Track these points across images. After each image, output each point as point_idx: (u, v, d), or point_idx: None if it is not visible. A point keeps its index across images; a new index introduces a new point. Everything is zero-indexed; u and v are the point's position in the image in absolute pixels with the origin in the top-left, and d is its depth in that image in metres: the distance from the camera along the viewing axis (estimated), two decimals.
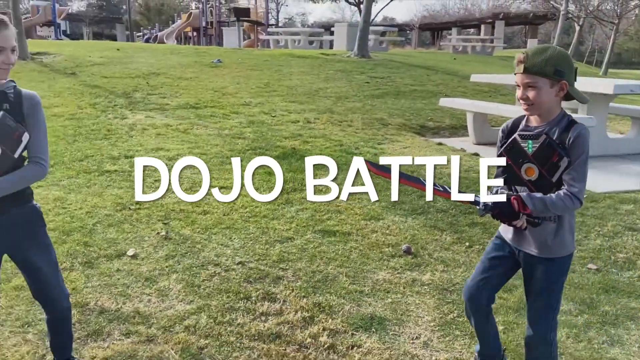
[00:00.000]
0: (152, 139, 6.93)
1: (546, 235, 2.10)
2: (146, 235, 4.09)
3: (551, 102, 2.03)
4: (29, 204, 2.22)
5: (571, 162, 1.97)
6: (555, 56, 1.99)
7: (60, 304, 2.34)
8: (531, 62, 2.00)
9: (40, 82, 10.18)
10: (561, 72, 1.99)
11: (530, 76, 2.00)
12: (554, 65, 1.98)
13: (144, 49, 16.60)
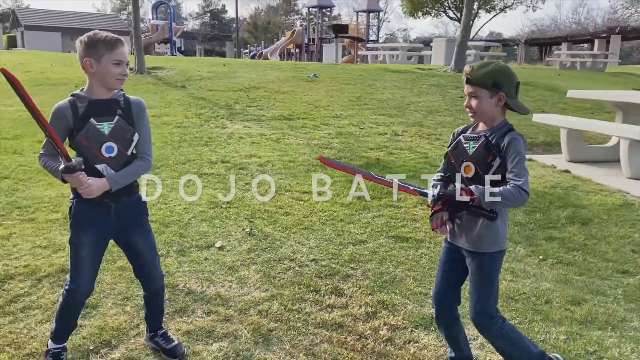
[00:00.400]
0: (247, 147, 7.46)
1: (479, 231, 2.28)
2: (233, 230, 4.49)
3: (492, 110, 2.26)
4: (137, 194, 2.61)
5: (504, 162, 2.17)
6: (495, 70, 2.23)
7: (156, 283, 2.74)
8: (474, 74, 2.25)
9: (154, 94, 11.23)
10: (499, 84, 2.22)
11: (473, 87, 2.25)
12: (492, 78, 2.21)
13: (248, 64, 17.61)
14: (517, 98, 2.31)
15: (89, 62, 2.34)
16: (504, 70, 2.26)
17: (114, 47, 2.36)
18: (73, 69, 14.65)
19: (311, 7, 38.67)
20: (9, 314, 3.10)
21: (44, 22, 50.42)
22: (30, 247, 4.05)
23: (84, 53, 2.35)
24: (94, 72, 2.35)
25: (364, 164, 6.70)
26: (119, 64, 2.37)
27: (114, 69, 2.36)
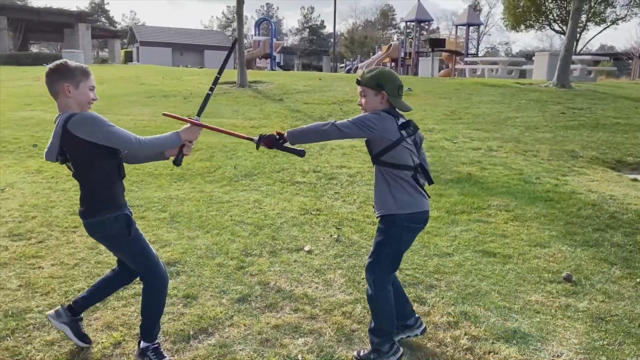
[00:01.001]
0: (338, 158, 7.68)
1: (376, 195, 2.79)
2: (321, 236, 4.70)
3: (376, 107, 2.69)
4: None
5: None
6: (379, 74, 2.68)
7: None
8: (363, 77, 2.72)
9: (254, 106, 11.86)
10: (382, 85, 2.64)
11: (361, 87, 2.73)
12: (376, 80, 2.65)
13: (342, 78, 17.99)
14: (399, 98, 2.72)
15: (67, 87, 2.51)
16: (387, 74, 2.70)
17: (89, 75, 2.59)
18: (181, 82, 15.80)
19: (409, 21, 38.60)
20: (122, 299, 3.50)
21: (157, 38, 54.46)
22: None
23: (62, 79, 2.51)
24: (72, 96, 2.53)
25: (455, 178, 6.67)
26: (92, 89, 2.61)
27: (90, 93, 2.59)
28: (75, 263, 4.04)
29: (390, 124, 2.63)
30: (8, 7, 38.17)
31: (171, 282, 3.72)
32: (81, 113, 2.51)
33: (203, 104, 2.81)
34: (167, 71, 20.66)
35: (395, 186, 2.69)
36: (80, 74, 2.55)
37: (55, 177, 6.49)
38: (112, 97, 13.09)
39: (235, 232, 4.75)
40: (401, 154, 2.67)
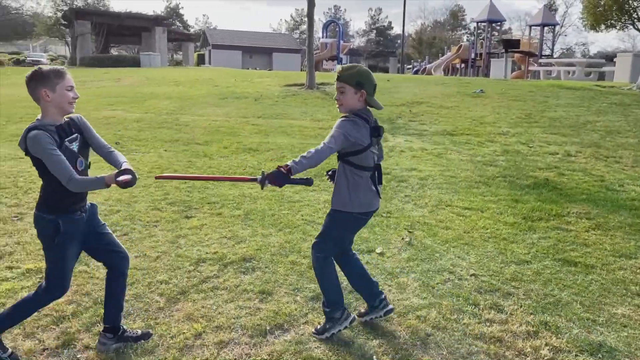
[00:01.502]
0: (408, 160, 7.62)
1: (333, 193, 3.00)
2: (392, 239, 4.68)
3: (354, 104, 2.84)
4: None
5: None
6: (359, 72, 2.81)
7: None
8: (342, 73, 2.84)
9: (322, 108, 11.96)
10: (361, 83, 2.79)
11: (340, 83, 2.84)
12: (356, 78, 2.79)
13: (410, 80, 17.81)
14: (374, 96, 2.87)
15: (45, 92, 2.57)
16: (366, 73, 2.83)
17: (64, 76, 2.63)
18: (252, 84, 16.18)
19: (480, 21, 37.66)
20: (202, 292, 3.63)
21: (227, 42, 56.04)
22: (218, 237, 4.65)
23: (40, 85, 2.57)
24: (50, 100, 2.59)
25: (532, 183, 6.44)
26: (70, 89, 2.65)
27: (68, 94, 2.63)
28: (157, 256, 4.24)
29: (364, 132, 2.82)
30: (92, 12, 40.55)
31: (247, 278, 3.84)
32: (33, 134, 2.54)
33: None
34: (239, 73, 21.22)
35: (353, 185, 2.91)
36: (54, 77, 2.61)
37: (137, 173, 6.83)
38: (188, 99, 13.60)
39: (307, 232, 4.82)
40: (366, 157, 2.88)
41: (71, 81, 2.68)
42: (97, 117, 10.87)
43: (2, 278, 3.79)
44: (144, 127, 10.19)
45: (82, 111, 10.83)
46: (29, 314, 2.89)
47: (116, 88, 16.13)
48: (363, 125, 2.81)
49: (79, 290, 3.62)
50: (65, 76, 2.65)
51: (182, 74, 20.68)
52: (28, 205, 5.44)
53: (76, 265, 4.00)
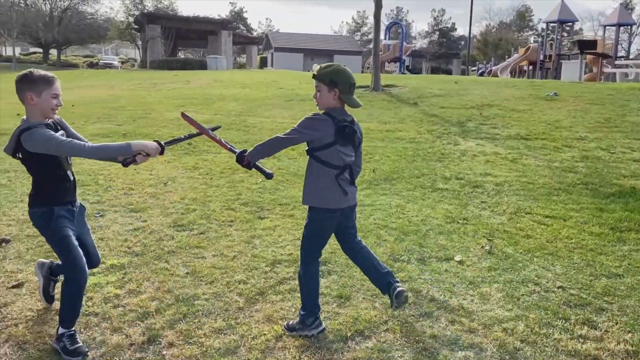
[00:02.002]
0: (481, 165, 7.38)
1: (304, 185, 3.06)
2: (471, 246, 4.52)
3: (329, 102, 2.91)
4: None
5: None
6: (333, 70, 2.87)
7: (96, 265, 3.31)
8: (318, 72, 2.91)
9: (388, 110, 11.82)
10: (335, 82, 2.85)
11: (316, 82, 2.93)
12: (329, 76, 2.86)
13: (479, 82, 17.32)
14: (351, 94, 2.91)
15: (30, 96, 2.73)
16: (341, 72, 2.89)
17: (52, 83, 2.76)
18: None
19: (550, 22, 36.22)
20: (279, 293, 3.63)
21: (290, 44, 56.70)
22: (292, 239, 4.65)
23: (26, 88, 2.73)
24: (34, 104, 2.75)
25: (617, 192, 6.08)
26: (56, 97, 2.79)
27: (52, 101, 2.78)
28: (234, 255, 4.28)
29: (328, 129, 2.87)
30: (162, 17, 42.06)
31: (323, 281, 3.80)
32: (31, 130, 2.70)
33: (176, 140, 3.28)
34: (302, 76, 21.37)
35: (320, 181, 2.97)
36: (42, 83, 2.75)
37: (209, 173, 6.97)
38: (254, 100, 13.81)
39: (381, 236, 4.74)
40: (331, 154, 2.92)
41: (58, 89, 2.83)
42: (168, 119, 11.21)
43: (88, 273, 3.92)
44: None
45: (155, 112, 11.15)
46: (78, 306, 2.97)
47: (185, 90, 16.62)
48: (328, 123, 2.87)
49: (160, 287, 3.70)
50: (53, 84, 2.79)
51: (247, 77, 21.07)
52: (109, 202, 5.65)
53: (156, 262, 4.13)
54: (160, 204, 5.63)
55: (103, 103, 13.73)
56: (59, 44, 51.73)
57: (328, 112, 2.91)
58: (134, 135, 9.49)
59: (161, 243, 4.53)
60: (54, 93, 2.80)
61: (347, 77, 2.90)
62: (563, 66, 30.48)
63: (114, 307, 3.42)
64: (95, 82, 20.90)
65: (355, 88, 2.95)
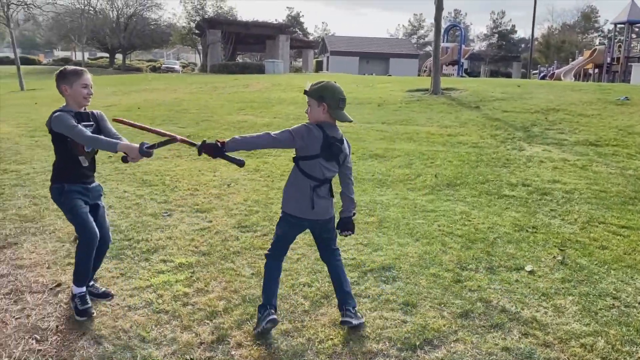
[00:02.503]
0: (549, 172, 7.10)
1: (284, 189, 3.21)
2: (542, 256, 4.34)
3: (318, 116, 3.01)
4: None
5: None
6: (322, 87, 2.99)
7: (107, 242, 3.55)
8: (309, 88, 3.03)
9: (449, 114, 11.60)
10: (323, 97, 2.96)
11: (307, 97, 3.05)
12: (318, 93, 2.98)
13: (543, 85, 16.74)
14: (339, 110, 3.00)
15: (64, 87, 3.22)
16: (329, 88, 3.00)
17: (81, 75, 3.23)
18: (373, 90, 16.17)
19: (618, 23, 34.62)
20: None
21: (345, 48, 56.81)
22: (354, 243, 4.62)
23: (61, 82, 3.23)
24: (68, 94, 3.23)
25: None
26: (85, 86, 3.23)
27: (83, 90, 3.22)
28: (297, 258, 4.29)
29: (315, 141, 2.95)
30: (223, 22, 43.06)
31: (388, 287, 3.75)
32: (58, 113, 3.17)
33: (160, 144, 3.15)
34: (360, 79, 21.34)
35: (295, 190, 3.09)
36: (72, 76, 3.24)
37: (270, 176, 7.05)
38: None
39: (446, 243, 4.63)
40: (313, 166, 3.01)
41: (87, 80, 3.27)
42: (230, 121, 11.44)
43: (158, 270, 4.04)
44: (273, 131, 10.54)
45: (216, 115, 11.41)
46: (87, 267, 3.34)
47: (245, 94, 16.92)
48: (317, 135, 2.95)
49: (227, 287, 3.76)
50: (82, 76, 3.25)
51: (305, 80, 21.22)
52: (175, 202, 5.80)
53: (222, 262, 4.20)
54: (225, 205, 5.74)
55: (167, 106, 14.17)
56: (124, 49, 53.97)
57: (320, 125, 3.00)
58: (197, 137, 9.73)
59: (226, 243, 4.61)
60: (83, 83, 3.24)
61: (335, 93, 3.00)
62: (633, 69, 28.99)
63: (183, 305, 3.49)
64: (159, 86, 21.62)
65: (345, 103, 3.04)
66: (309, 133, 2.95)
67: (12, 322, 3.25)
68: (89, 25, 47.20)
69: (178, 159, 8.02)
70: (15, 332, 3.14)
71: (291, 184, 3.12)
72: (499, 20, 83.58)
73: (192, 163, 7.76)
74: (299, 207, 3.09)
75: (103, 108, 12.73)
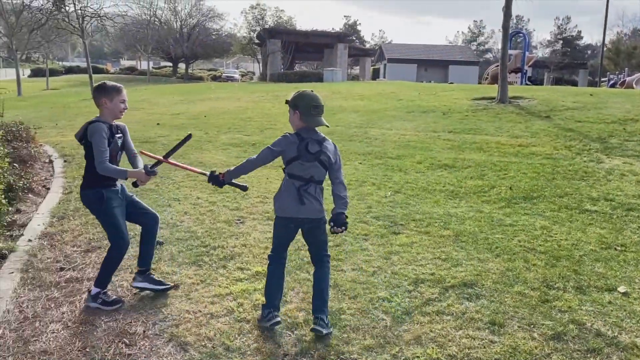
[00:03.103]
0: (632, 186, 6.71)
1: None
2: (636, 277, 4.08)
3: (296, 123, 3.29)
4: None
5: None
6: (296, 96, 3.29)
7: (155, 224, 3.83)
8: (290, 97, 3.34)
9: (518, 123, 11.22)
10: (296, 105, 3.25)
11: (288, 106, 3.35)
12: (293, 101, 3.29)
13: (617, 94, 15.93)
14: (311, 116, 3.22)
15: (104, 101, 3.49)
16: (302, 96, 3.26)
17: (120, 92, 3.53)
18: (437, 97, 15.89)
19: None
20: (426, 314, 3.50)
21: (403, 55, 56.37)
22: (431, 257, 4.50)
23: (102, 95, 3.49)
24: (107, 107, 3.51)
25: None
26: (123, 102, 3.54)
27: (120, 105, 3.52)
28: (373, 271, 4.22)
29: (291, 146, 3.23)
30: (283, 32, 43.77)
31: (472, 305, 3.62)
32: (95, 124, 3.46)
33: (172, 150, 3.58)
34: (421, 87, 21.07)
35: (283, 193, 3.33)
36: (113, 91, 3.52)
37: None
38: (374, 112, 13.81)
39: (529, 260, 4.43)
40: (295, 167, 3.26)
41: (125, 96, 3.58)
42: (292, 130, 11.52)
43: (236, 278, 4.07)
44: (335, 139, 10.43)
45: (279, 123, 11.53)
46: (112, 271, 3.67)
47: None
48: (293, 140, 3.23)
49: (305, 298, 3.73)
50: (121, 92, 3.55)
51: (364, 88, 21.16)
52: (247, 210, 5.86)
53: (298, 273, 4.18)
54: None
55: (231, 114, 14.46)
56: (187, 58, 55.72)
57: (298, 133, 3.28)
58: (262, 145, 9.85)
59: (300, 253, 4.59)
60: (122, 99, 3.56)
61: (308, 101, 3.24)
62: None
63: None
64: (222, 94, 22.13)
65: (318, 109, 3.25)
66: (285, 140, 3.25)
67: (102, 325, 3.34)
68: (154, 35, 49.04)
69: None
70: (105, 335, 3.23)
71: (281, 191, 3.35)
72: (564, 26, 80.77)
73: (259, 171, 7.83)
74: (289, 208, 3.31)
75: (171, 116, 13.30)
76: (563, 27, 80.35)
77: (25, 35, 33.74)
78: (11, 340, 3.17)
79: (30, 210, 5.83)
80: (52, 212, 5.70)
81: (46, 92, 34.49)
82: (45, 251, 4.60)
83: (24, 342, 3.15)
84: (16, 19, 32.34)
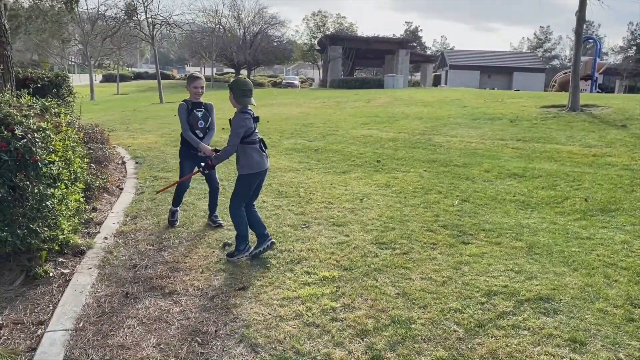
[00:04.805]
0: None
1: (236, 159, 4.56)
2: None
3: (233, 103, 4.45)
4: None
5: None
6: (232, 81, 4.46)
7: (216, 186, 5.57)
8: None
9: (591, 132, 10.71)
10: (231, 88, 4.43)
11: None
12: (230, 86, 4.47)
13: None
14: (241, 98, 4.38)
15: (187, 86, 5.26)
16: (237, 82, 4.44)
17: (194, 80, 5.22)
18: (504, 105, 15.42)
19: None
20: (501, 328, 3.37)
21: (465, 62, 55.22)
22: (504, 269, 4.34)
23: (187, 83, 5.25)
24: (189, 90, 5.24)
25: None
26: (196, 87, 5.20)
27: (194, 89, 5.20)
28: (444, 281, 4.11)
29: (250, 122, 4.38)
30: (344, 38, 43.92)
31: (549, 320, 3.46)
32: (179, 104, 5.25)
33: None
34: (486, 94, 20.53)
35: (251, 155, 4.43)
36: (191, 79, 5.25)
37: (402, 192, 6.91)
38: (437, 119, 13.56)
39: (609, 276, 4.18)
40: (253, 135, 4.44)
41: (198, 84, 5.21)
42: (354, 136, 11.50)
43: (303, 282, 4.07)
44: (399, 146, 10.39)
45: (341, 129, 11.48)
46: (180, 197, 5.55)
47: (368, 108, 16.97)
48: (248, 118, 4.37)
49: (374, 305, 3.68)
50: (195, 81, 5.21)
51: (427, 95, 20.86)
52: (311, 215, 5.87)
53: (365, 279, 4.13)
54: (359, 219, 5.70)
55: (294, 120, 14.61)
56: (249, 65, 56.87)
57: (244, 109, 4.40)
58: (325, 151, 9.88)
59: (366, 259, 4.55)
60: (194, 85, 5.21)
61: (240, 85, 4.38)
62: None
63: (332, 320, 3.47)
64: (284, 100, 22.42)
65: (248, 92, 4.39)
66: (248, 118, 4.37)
67: (175, 324, 3.42)
68: (219, 42, 50.38)
69: (309, 171, 8.16)
70: (178, 334, 3.30)
71: (248, 155, 4.41)
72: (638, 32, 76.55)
73: (323, 176, 7.86)
74: (258, 164, 4.46)
75: None
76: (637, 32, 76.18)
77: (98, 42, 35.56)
78: (91, 333, 3.30)
79: (105, 209, 6.09)
80: (126, 211, 5.92)
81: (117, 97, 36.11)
82: (120, 249, 4.78)
83: (103, 336, 3.27)
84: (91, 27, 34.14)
